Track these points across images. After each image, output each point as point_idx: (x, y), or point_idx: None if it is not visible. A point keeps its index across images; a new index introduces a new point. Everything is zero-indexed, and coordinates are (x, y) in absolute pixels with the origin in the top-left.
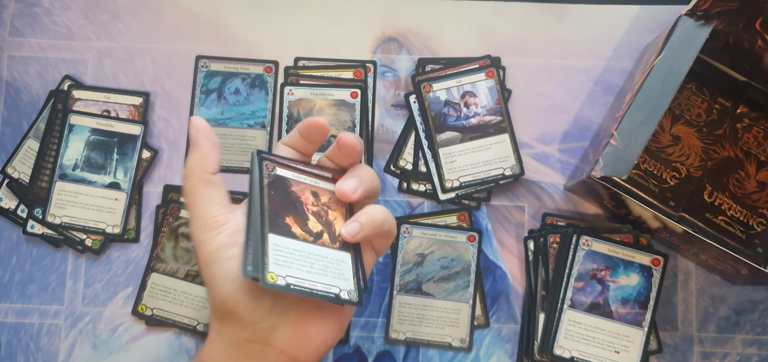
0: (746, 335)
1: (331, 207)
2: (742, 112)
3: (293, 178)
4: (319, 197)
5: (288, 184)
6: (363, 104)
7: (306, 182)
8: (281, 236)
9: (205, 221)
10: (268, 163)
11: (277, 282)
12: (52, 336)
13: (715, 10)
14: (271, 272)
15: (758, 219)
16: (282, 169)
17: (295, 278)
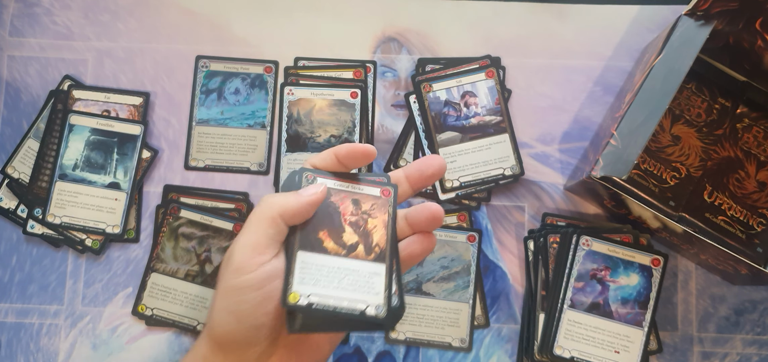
0: (746, 335)
1: (373, 214)
2: (742, 111)
3: (334, 187)
4: (360, 205)
5: (328, 195)
6: (363, 104)
7: (348, 190)
8: (311, 252)
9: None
10: (308, 174)
11: (299, 303)
12: (52, 336)
13: (715, 10)
14: (294, 292)
15: (758, 219)
16: (323, 178)
17: (319, 296)
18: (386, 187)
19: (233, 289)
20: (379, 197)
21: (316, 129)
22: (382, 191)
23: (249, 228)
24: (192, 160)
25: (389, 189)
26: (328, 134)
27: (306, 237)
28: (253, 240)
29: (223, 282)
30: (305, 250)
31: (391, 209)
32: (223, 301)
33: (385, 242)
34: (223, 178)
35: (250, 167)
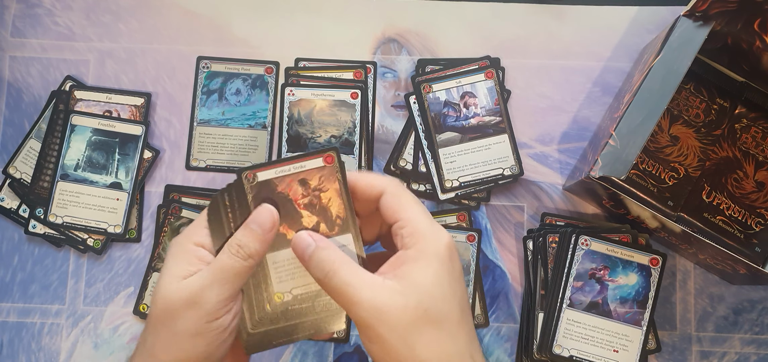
0: (745, 334)
1: (324, 187)
2: (740, 112)
3: (277, 176)
4: (308, 183)
5: (274, 186)
6: (363, 105)
7: (291, 173)
8: (278, 250)
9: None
10: (248, 174)
11: (285, 299)
12: (53, 336)
13: (714, 10)
14: (278, 292)
15: (756, 219)
16: (263, 172)
17: (300, 286)
18: (327, 153)
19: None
20: (323, 167)
21: (316, 129)
22: (324, 159)
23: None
24: (193, 160)
25: (331, 154)
26: (329, 134)
27: None
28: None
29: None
30: (272, 251)
31: (339, 174)
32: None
33: (344, 210)
34: (224, 178)
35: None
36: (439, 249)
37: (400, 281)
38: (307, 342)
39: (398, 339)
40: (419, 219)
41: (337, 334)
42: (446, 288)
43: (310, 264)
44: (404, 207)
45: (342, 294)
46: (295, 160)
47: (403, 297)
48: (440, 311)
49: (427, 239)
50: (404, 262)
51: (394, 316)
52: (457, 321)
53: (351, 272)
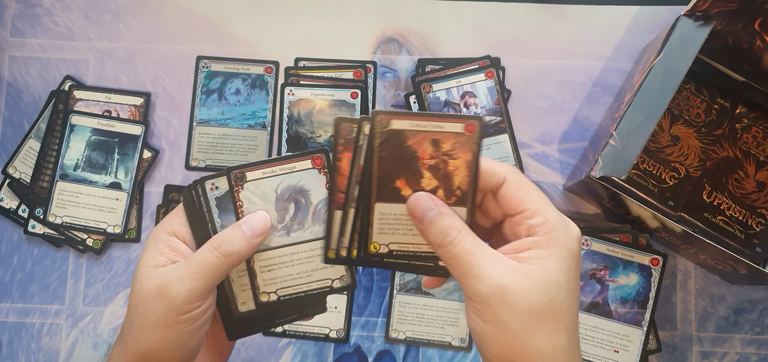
0: (745, 335)
1: (454, 154)
2: (741, 112)
3: (411, 129)
4: (440, 145)
5: (404, 138)
6: (363, 104)
7: (427, 130)
8: (388, 202)
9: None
10: (382, 118)
11: (380, 251)
12: (53, 336)
13: (715, 10)
14: (374, 242)
15: (757, 219)
16: (399, 121)
17: (399, 244)
18: (470, 122)
19: (174, 323)
20: (462, 134)
21: (316, 129)
22: (466, 126)
23: (191, 271)
24: (193, 159)
25: (474, 123)
26: (329, 134)
27: (382, 188)
28: (198, 286)
29: (159, 316)
30: (382, 201)
31: (475, 146)
32: (159, 332)
33: (468, 183)
34: None
35: (256, 162)
36: (570, 242)
37: (526, 265)
38: (307, 343)
39: (518, 323)
40: (549, 209)
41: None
42: (572, 282)
43: (431, 227)
44: (532, 197)
45: (463, 262)
46: (435, 119)
47: (529, 282)
48: (563, 304)
49: (560, 230)
50: (530, 247)
51: (518, 298)
52: (574, 318)
53: (476, 243)
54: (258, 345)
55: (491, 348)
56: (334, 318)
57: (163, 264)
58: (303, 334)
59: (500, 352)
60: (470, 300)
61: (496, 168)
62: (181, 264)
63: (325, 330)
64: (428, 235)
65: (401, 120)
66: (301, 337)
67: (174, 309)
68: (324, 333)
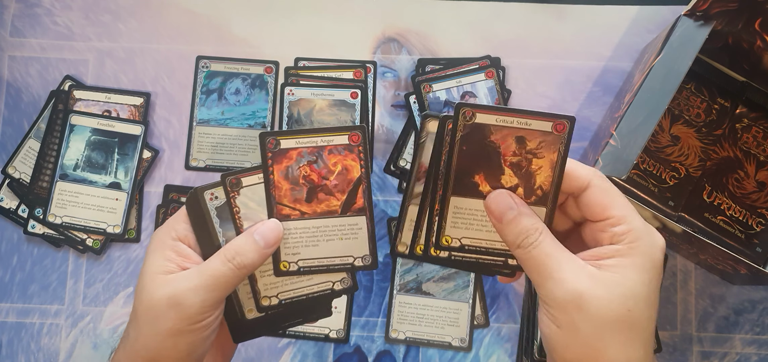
0: (745, 335)
1: (539, 153)
2: (741, 112)
3: (496, 123)
4: (525, 142)
5: (487, 133)
6: (363, 104)
7: (512, 126)
8: (464, 197)
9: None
10: (467, 111)
11: (452, 245)
12: (53, 336)
13: (715, 10)
14: (447, 235)
15: (757, 219)
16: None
17: (471, 239)
18: (561, 121)
19: (186, 333)
20: (550, 132)
21: None
22: (555, 125)
23: (205, 283)
24: (192, 159)
25: (564, 123)
26: None
27: (460, 181)
28: (212, 298)
29: (172, 325)
30: (458, 195)
31: (562, 147)
32: (171, 340)
33: (550, 184)
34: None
35: (250, 167)
36: (654, 253)
37: (606, 273)
38: (307, 343)
39: (593, 331)
40: (634, 217)
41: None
42: (653, 295)
43: (510, 227)
44: (617, 203)
45: (542, 265)
46: (523, 115)
47: (607, 290)
48: (642, 316)
49: (644, 240)
50: (612, 256)
51: (595, 306)
52: (651, 331)
53: (555, 246)
54: (258, 345)
55: (563, 354)
56: (334, 319)
57: (172, 270)
58: (303, 334)
59: (572, 359)
60: (545, 304)
61: (581, 171)
62: (193, 273)
63: (325, 330)
64: (506, 235)
65: (487, 114)
66: (301, 337)
67: (187, 320)
68: (324, 333)
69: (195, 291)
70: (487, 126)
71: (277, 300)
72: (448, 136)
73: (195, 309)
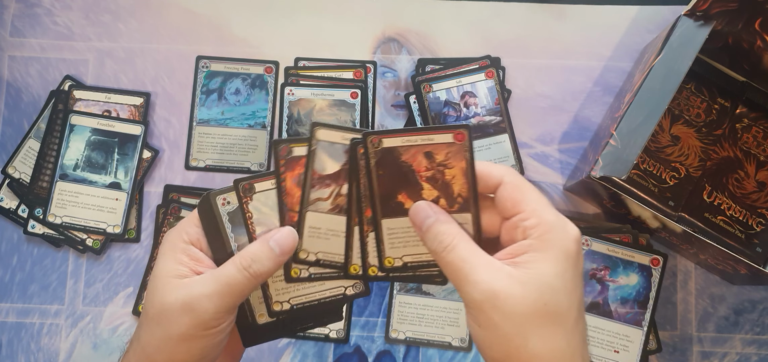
0: (745, 335)
1: (449, 163)
2: (741, 112)
3: (403, 145)
4: (434, 157)
5: (398, 154)
6: (363, 104)
7: (417, 143)
8: (394, 218)
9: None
10: (373, 139)
11: (395, 265)
12: (52, 336)
13: (715, 10)
14: (389, 257)
15: (757, 219)
16: (389, 139)
17: (411, 255)
18: (459, 131)
19: (200, 338)
20: (452, 143)
21: None
22: (455, 136)
23: (220, 290)
24: (192, 160)
25: (462, 132)
26: None
27: (386, 204)
28: (226, 304)
29: (185, 330)
30: (388, 217)
31: (467, 154)
32: (184, 345)
33: (467, 190)
34: (224, 178)
35: (250, 167)
36: (567, 244)
37: (520, 269)
38: (306, 343)
39: (512, 327)
40: (545, 210)
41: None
42: (569, 284)
43: (428, 235)
44: (527, 199)
45: (457, 270)
46: (424, 132)
47: (523, 287)
48: (560, 307)
49: (555, 231)
50: (526, 251)
51: (510, 304)
52: (574, 320)
53: (470, 250)
54: (258, 346)
55: (489, 352)
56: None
57: (185, 274)
58: (303, 334)
59: (498, 357)
60: (466, 306)
61: (493, 170)
62: (207, 279)
63: (325, 330)
64: (427, 242)
65: (392, 138)
66: (302, 337)
67: (201, 325)
68: (324, 333)
69: (209, 298)
70: (395, 148)
71: (289, 305)
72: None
73: (209, 316)
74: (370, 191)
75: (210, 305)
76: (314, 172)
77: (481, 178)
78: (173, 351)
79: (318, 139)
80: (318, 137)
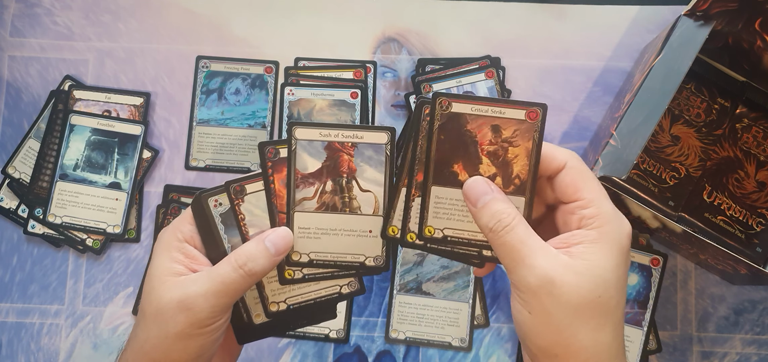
0: (745, 335)
1: (514, 141)
2: (741, 112)
3: (471, 113)
4: (500, 131)
5: (464, 122)
6: (363, 104)
7: (487, 115)
8: (445, 187)
9: (220, 313)
10: (443, 100)
11: (434, 236)
12: (52, 336)
13: (715, 10)
14: (430, 225)
15: (757, 219)
16: (459, 104)
17: (453, 229)
18: (533, 108)
19: (196, 336)
20: (523, 121)
21: None
22: (527, 114)
23: (215, 289)
24: (192, 160)
25: (536, 110)
26: None
27: (440, 171)
28: (222, 303)
29: (182, 329)
30: (439, 185)
31: (536, 135)
32: (181, 344)
33: (527, 172)
34: (224, 178)
35: (250, 167)
36: (621, 238)
37: (576, 260)
38: (307, 343)
39: (564, 316)
40: (604, 201)
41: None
42: (621, 280)
43: (484, 211)
44: (589, 186)
45: (514, 251)
46: (496, 104)
47: (578, 276)
48: (611, 300)
49: (612, 224)
50: (581, 242)
51: (566, 292)
52: (620, 316)
53: (528, 233)
54: (258, 346)
55: (535, 340)
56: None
57: (180, 272)
58: (303, 334)
59: (544, 345)
60: (517, 290)
61: (557, 153)
62: (203, 277)
63: (325, 330)
64: (480, 218)
65: (462, 103)
66: (301, 337)
67: (197, 323)
68: (324, 333)
69: (205, 296)
70: (463, 115)
71: (285, 305)
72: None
73: (205, 314)
74: (427, 154)
75: (205, 303)
76: (297, 172)
77: (544, 159)
78: (170, 349)
79: (297, 138)
80: (296, 136)
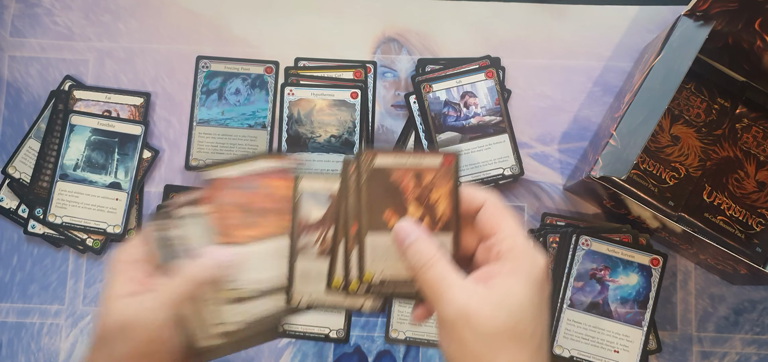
0: (745, 335)
1: (436, 185)
2: (741, 112)
3: (395, 165)
4: (421, 178)
5: (388, 173)
6: (363, 104)
7: (408, 164)
8: (378, 233)
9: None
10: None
11: (373, 281)
12: (53, 336)
13: (715, 10)
14: (368, 271)
15: (757, 219)
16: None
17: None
18: (448, 155)
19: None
20: (440, 167)
21: (316, 129)
22: (443, 160)
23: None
24: (193, 160)
25: (451, 156)
26: (329, 134)
27: (372, 219)
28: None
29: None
30: (373, 232)
31: (453, 178)
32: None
33: (450, 212)
34: None
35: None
36: (535, 270)
37: (492, 291)
38: (307, 343)
39: (481, 346)
40: (518, 235)
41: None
42: (536, 309)
43: (408, 251)
44: (505, 222)
45: (433, 287)
46: (415, 155)
47: (493, 308)
48: (526, 330)
49: (526, 257)
50: (498, 274)
51: (481, 323)
52: (538, 342)
53: (447, 269)
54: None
55: None
56: (334, 319)
57: (129, 293)
58: (303, 334)
59: None
60: (440, 323)
61: (476, 194)
62: (146, 297)
63: (325, 330)
64: (407, 259)
65: (384, 157)
66: (301, 337)
67: (144, 342)
68: (324, 333)
69: (151, 312)
70: (387, 168)
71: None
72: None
73: (150, 331)
74: (357, 206)
75: (149, 320)
76: (300, 222)
77: (464, 200)
78: None
79: (302, 189)
80: (301, 188)
